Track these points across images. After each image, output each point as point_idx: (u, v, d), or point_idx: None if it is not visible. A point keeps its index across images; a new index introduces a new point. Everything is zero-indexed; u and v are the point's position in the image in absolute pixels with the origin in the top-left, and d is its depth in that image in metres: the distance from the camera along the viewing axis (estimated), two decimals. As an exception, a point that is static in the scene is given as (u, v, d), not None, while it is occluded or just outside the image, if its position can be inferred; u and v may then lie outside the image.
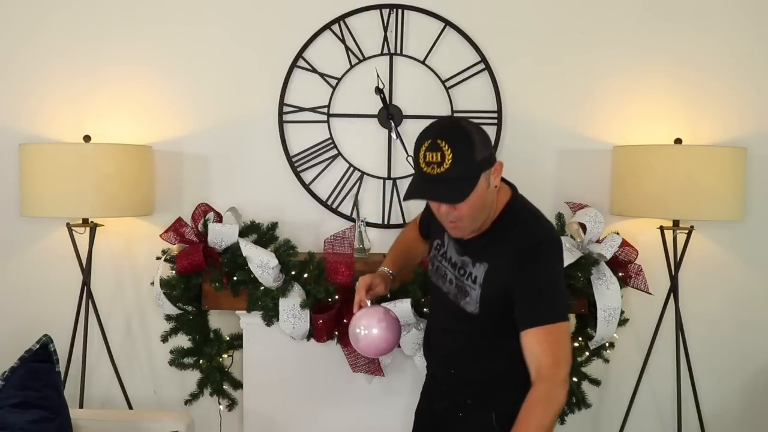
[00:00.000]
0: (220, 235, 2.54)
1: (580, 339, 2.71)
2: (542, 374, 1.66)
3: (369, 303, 1.93)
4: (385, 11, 2.82)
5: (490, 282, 1.74)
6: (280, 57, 2.83)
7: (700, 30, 2.85)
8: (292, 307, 2.48)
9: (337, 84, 2.84)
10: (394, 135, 2.82)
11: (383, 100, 2.78)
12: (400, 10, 2.82)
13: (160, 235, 2.64)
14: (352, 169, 2.86)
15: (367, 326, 1.88)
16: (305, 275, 2.51)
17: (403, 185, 2.86)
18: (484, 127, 1.74)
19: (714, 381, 2.94)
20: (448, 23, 2.82)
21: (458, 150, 1.62)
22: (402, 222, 2.85)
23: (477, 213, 1.71)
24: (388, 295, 2.32)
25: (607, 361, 2.78)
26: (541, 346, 1.67)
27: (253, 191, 2.86)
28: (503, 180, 1.81)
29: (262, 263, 2.46)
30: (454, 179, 1.63)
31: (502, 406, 1.80)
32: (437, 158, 1.63)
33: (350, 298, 2.51)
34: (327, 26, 2.82)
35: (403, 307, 2.44)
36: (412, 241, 2.17)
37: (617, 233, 2.60)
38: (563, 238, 2.51)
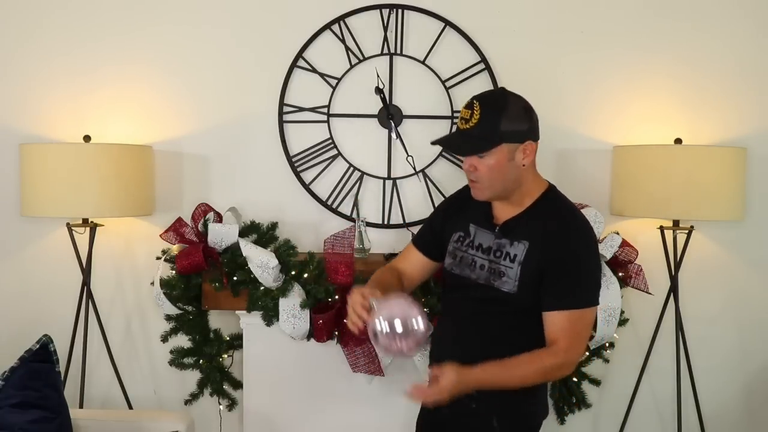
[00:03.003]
0: (220, 235, 2.54)
1: (580, 339, 2.72)
2: (555, 350, 1.75)
3: (374, 302, 1.67)
4: (385, 11, 2.82)
5: (530, 259, 1.79)
6: (280, 57, 2.83)
7: (700, 30, 2.85)
8: (292, 307, 2.48)
9: (337, 84, 2.84)
10: (394, 135, 2.82)
11: (383, 100, 2.78)
12: (400, 10, 2.82)
13: (160, 235, 2.64)
14: (352, 169, 2.86)
15: (390, 319, 1.60)
16: (305, 275, 2.51)
17: (404, 185, 2.86)
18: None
19: (714, 381, 2.94)
20: (448, 23, 2.82)
21: (486, 112, 1.75)
22: (402, 222, 2.85)
23: (495, 179, 1.79)
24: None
25: (607, 361, 2.78)
26: (562, 331, 1.75)
27: (253, 191, 2.86)
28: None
29: (262, 263, 2.46)
30: (475, 136, 1.76)
31: (505, 407, 1.83)
32: (467, 114, 1.77)
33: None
34: (327, 26, 2.82)
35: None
36: (386, 277, 2.00)
37: (617, 233, 2.60)
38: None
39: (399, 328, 1.61)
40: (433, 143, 1.90)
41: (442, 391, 1.70)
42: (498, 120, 1.74)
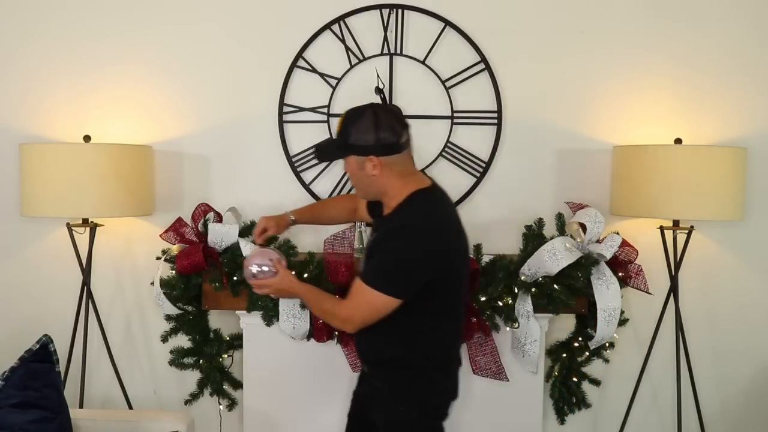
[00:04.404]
0: (220, 235, 2.54)
1: (580, 339, 2.72)
2: (341, 303, 2.01)
3: (257, 246, 2.28)
4: (385, 11, 2.82)
5: (370, 247, 2.01)
6: (280, 57, 2.83)
7: (700, 30, 2.85)
8: (292, 307, 2.49)
9: (337, 84, 2.84)
10: (394, 135, 2.82)
11: (383, 100, 2.78)
12: (400, 10, 2.82)
13: (160, 235, 2.64)
14: (352, 169, 2.86)
15: (260, 264, 2.11)
16: (305, 275, 2.51)
17: (403, 185, 2.86)
18: (484, 127, 1.75)
19: (714, 381, 2.94)
20: (448, 23, 2.82)
21: (344, 125, 1.96)
22: (402, 222, 2.85)
23: (355, 184, 2.05)
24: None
25: (607, 361, 2.78)
26: (350, 293, 1.96)
27: (253, 191, 2.86)
28: (426, 174, 2.09)
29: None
30: (332, 145, 2.06)
31: (392, 380, 2.00)
32: (338, 124, 2.00)
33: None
34: (327, 26, 2.82)
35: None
36: (337, 204, 2.47)
37: (617, 233, 2.60)
38: (562, 239, 2.52)
39: (254, 270, 2.11)
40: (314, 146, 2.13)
41: (269, 285, 2.09)
42: (348, 134, 1.94)
